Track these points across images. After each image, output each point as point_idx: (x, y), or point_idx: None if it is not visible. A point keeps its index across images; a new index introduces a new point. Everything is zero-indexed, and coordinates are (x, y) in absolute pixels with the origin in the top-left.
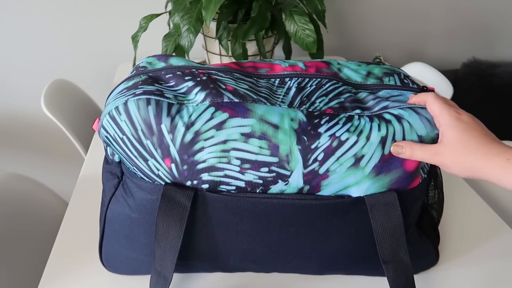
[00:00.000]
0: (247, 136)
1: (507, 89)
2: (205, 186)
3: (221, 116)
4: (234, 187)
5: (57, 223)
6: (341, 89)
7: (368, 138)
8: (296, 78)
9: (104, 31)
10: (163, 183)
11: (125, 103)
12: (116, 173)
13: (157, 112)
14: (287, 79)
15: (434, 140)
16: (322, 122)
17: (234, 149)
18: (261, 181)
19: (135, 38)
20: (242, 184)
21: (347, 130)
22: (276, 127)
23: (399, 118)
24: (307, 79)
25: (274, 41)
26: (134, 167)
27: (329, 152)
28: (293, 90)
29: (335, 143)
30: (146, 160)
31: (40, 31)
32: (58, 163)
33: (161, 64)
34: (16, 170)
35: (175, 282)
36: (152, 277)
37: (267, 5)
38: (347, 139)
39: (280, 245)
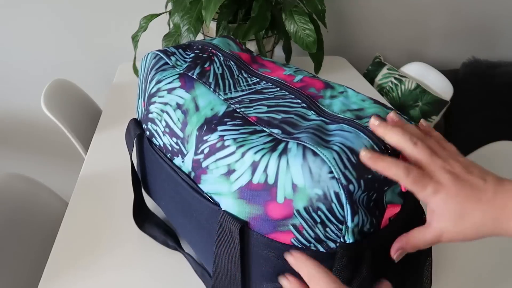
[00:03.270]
0: (178, 107)
1: (507, 89)
2: (147, 133)
3: (175, 83)
4: (158, 144)
5: (57, 223)
6: (295, 109)
7: (243, 154)
8: (271, 84)
9: (104, 31)
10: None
11: (147, 54)
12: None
13: (153, 64)
14: (263, 82)
15: (310, 199)
16: (229, 123)
17: (167, 112)
18: (170, 148)
19: (135, 38)
20: (161, 143)
21: (234, 139)
22: (197, 108)
23: (282, 152)
24: (278, 89)
25: (274, 41)
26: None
27: (212, 150)
28: (252, 90)
29: (219, 144)
30: (138, 99)
31: (40, 31)
32: (58, 163)
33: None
34: (16, 170)
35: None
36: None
37: (267, 5)
38: (228, 146)
39: (179, 208)
